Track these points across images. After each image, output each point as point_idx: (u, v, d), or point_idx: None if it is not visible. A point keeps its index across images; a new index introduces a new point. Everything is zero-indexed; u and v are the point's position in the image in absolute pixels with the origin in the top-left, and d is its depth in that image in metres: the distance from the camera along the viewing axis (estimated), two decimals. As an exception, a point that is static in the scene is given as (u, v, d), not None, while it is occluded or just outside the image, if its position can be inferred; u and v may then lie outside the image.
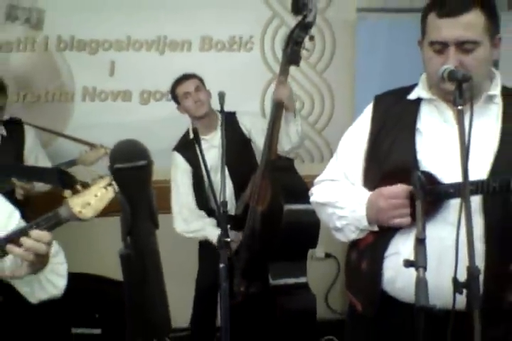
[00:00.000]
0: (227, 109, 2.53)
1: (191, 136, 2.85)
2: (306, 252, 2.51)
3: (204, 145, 2.81)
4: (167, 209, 2.87)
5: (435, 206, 1.37)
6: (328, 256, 3.63)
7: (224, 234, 2.03)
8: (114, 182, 1.19)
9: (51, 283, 1.42)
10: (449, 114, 1.47)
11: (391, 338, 1.46)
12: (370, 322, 1.50)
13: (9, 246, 1.23)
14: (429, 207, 1.33)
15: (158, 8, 3.24)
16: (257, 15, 3.38)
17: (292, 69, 2.62)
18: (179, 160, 2.87)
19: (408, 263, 1.17)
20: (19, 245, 1.22)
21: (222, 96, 2.47)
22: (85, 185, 1.24)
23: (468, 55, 1.36)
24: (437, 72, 1.37)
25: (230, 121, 2.75)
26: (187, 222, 2.82)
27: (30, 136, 2.88)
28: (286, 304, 2.43)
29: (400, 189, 1.41)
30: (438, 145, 1.46)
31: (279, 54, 3.35)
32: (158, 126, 3.30)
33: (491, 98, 1.46)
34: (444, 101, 1.48)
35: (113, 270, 1.56)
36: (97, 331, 3.05)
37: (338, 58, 3.49)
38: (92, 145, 2.81)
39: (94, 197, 1.28)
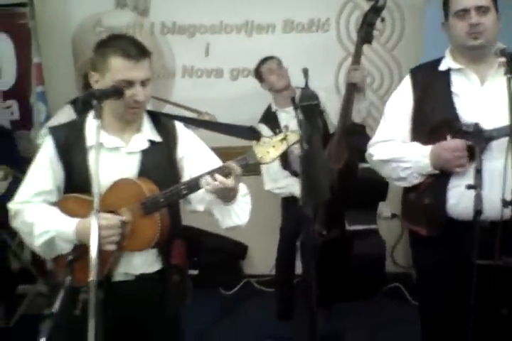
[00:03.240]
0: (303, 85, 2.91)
1: (273, 109, 3.31)
2: (377, 203, 2.92)
3: (285, 116, 3.29)
4: (254, 171, 3.31)
5: (482, 146, 1.78)
6: (394, 216, 4.00)
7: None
8: (287, 138, 1.61)
9: (237, 215, 1.73)
10: (474, 77, 1.91)
11: (452, 251, 1.87)
12: (433, 241, 1.91)
13: (205, 178, 1.58)
14: (481, 147, 1.74)
15: (246, -4, 3.67)
16: (333, 0, 3.75)
17: (365, 47, 2.97)
18: (265, 130, 3.28)
19: (469, 187, 1.60)
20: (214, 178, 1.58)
21: (306, 72, 2.85)
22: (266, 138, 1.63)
23: (484, 17, 1.86)
24: (461, 33, 1.87)
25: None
26: (275, 181, 3.27)
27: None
28: (360, 246, 2.84)
29: (459, 143, 1.82)
30: (471, 103, 1.89)
31: (353, 34, 3.74)
32: (246, 100, 3.74)
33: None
34: (467, 67, 1.91)
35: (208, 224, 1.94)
36: (195, 272, 3.64)
37: (406, 37, 3.80)
38: (199, 113, 3.30)
39: (272, 147, 1.63)
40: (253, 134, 1.66)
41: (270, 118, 3.25)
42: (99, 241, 1.51)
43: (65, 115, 3.17)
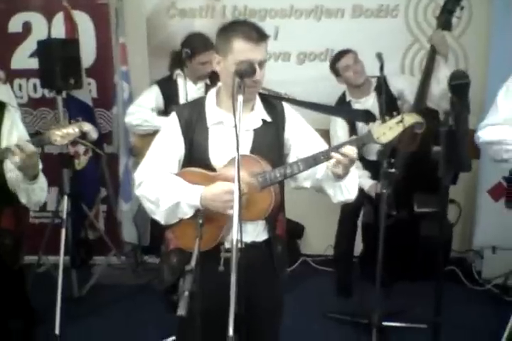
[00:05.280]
0: (371, 71, 2.96)
1: (347, 99, 3.37)
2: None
3: (358, 106, 3.37)
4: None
5: None
6: (451, 201, 4.07)
7: (387, 165, 2.58)
8: (403, 120, 1.68)
9: (348, 190, 1.80)
10: None
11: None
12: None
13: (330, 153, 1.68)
14: None
15: (316, -20, 3.72)
16: (403, -14, 3.78)
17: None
18: (339, 119, 3.34)
19: None
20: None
21: (380, 56, 2.91)
22: (384, 120, 1.72)
23: None
24: None
25: (382, 80, 3.23)
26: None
27: None
28: (428, 228, 2.94)
29: None
30: None
31: (421, 21, 3.79)
32: (311, 83, 3.81)
33: None
34: None
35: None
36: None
37: (473, 26, 3.79)
38: (278, 94, 3.39)
39: (388, 129, 1.71)
40: (369, 116, 1.75)
41: (345, 108, 3.32)
42: (223, 206, 1.66)
43: (153, 94, 3.32)
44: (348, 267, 3.53)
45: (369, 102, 3.29)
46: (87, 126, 2.00)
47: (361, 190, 3.17)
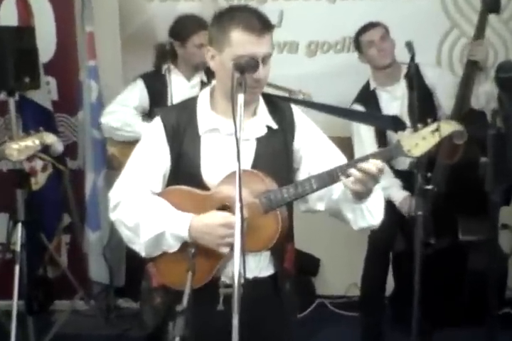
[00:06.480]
0: (401, 58, 3.02)
1: (371, 87, 3.44)
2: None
3: (385, 96, 3.43)
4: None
5: None
6: (505, 226, 4.10)
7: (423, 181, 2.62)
8: (440, 129, 1.72)
9: (371, 213, 1.84)
10: None
11: None
12: None
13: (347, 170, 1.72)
14: None
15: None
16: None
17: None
18: None
19: None
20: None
21: (410, 46, 2.97)
22: (416, 129, 1.75)
23: None
24: None
25: (413, 72, 3.29)
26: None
27: None
28: (477, 260, 2.96)
29: None
30: None
31: (461, 2, 3.86)
32: (324, 80, 3.88)
33: None
34: None
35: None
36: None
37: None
38: (290, 91, 3.46)
39: (422, 139, 1.71)
40: (397, 124, 1.79)
41: (368, 99, 3.38)
42: (216, 241, 1.71)
43: (137, 91, 3.38)
44: (378, 311, 3.53)
45: (398, 91, 3.35)
46: (51, 138, 2.04)
47: (391, 207, 3.20)
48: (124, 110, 3.41)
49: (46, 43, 3.80)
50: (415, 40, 2.89)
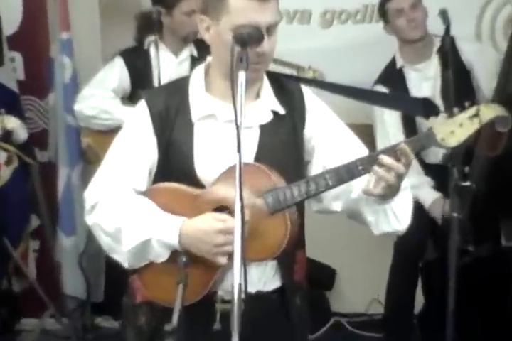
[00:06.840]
0: (433, 30, 3.07)
1: (398, 65, 3.44)
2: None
3: (414, 75, 3.43)
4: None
5: None
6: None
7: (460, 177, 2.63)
8: (480, 113, 1.71)
9: (396, 217, 1.84)
10: None
11: None
12: None
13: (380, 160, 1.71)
14: None
15: None
16: None
17: None
18: None
19: None
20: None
21: (445, 15, 2.96)
22: (451, 114, 1.75)
23: None
24: None
25: (448, 47, 3.29)
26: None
27: None
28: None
29: None
30: None
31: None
32: (342, 55, 3.88)
33: None
34: None
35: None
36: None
37: None
38: (300, 68, 3.47)
39: (458, 126, 1.73)
40: (429, 108, 1.78)
41: (394, 78, 3.39)
42: (212, 251, 1.71)
43: (116, 70, 3.38)
44: (405, 332, 3.56)
45: (429, 70, 3.36)
46: (12, 122, 2.03)
47: (420, 208, 3.19)
48: (100, 93, 3.42)
49: (10, 12, 3.81)
50: (451, 9, 2.90)
